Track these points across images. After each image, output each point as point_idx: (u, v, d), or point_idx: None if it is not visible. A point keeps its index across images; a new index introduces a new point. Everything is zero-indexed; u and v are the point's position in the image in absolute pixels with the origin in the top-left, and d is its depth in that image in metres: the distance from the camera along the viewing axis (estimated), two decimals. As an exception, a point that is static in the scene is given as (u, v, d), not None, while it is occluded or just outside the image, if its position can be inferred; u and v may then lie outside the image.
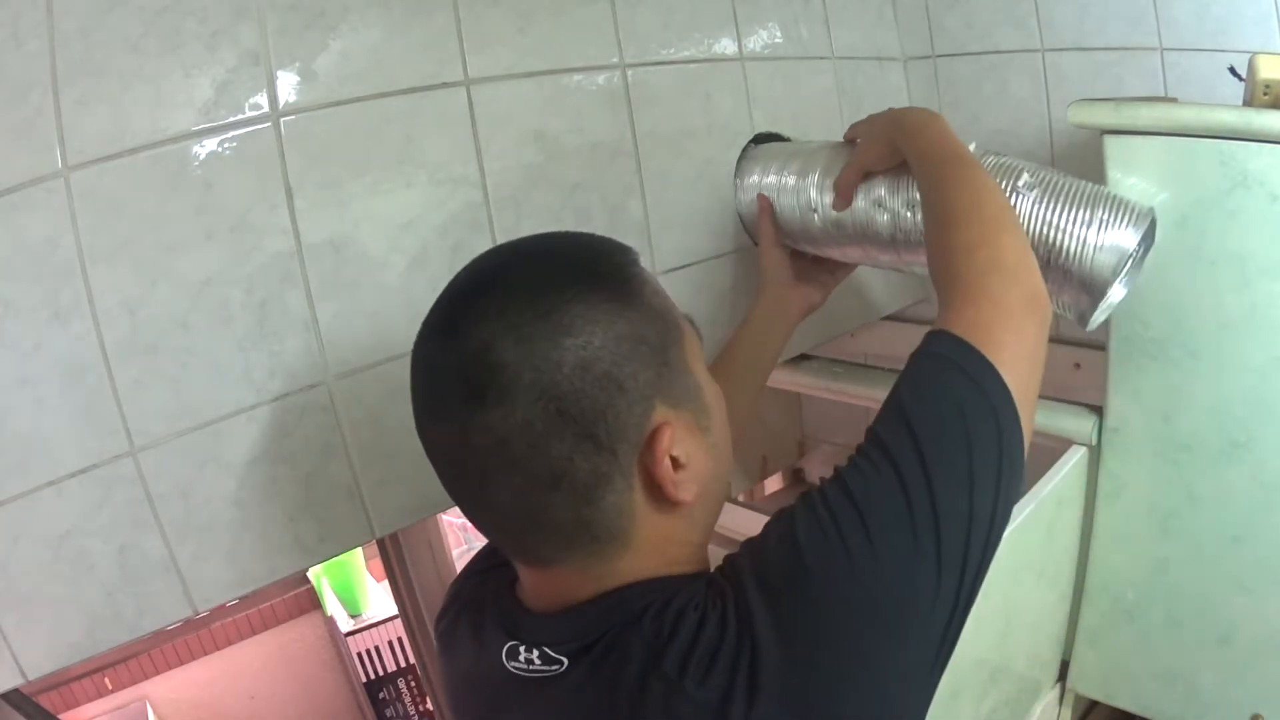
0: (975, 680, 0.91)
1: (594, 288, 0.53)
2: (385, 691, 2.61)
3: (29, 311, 0.69)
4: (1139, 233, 0.81)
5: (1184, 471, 0.97)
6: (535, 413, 0.50)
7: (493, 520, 0.57)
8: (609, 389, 0.51)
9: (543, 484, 0.52)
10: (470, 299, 0.55)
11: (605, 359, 0.51)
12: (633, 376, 0.52)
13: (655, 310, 0.55)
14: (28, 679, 0.72)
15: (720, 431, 0.60)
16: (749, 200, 1.18)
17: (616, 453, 0.52)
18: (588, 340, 0.51)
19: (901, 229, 0.95)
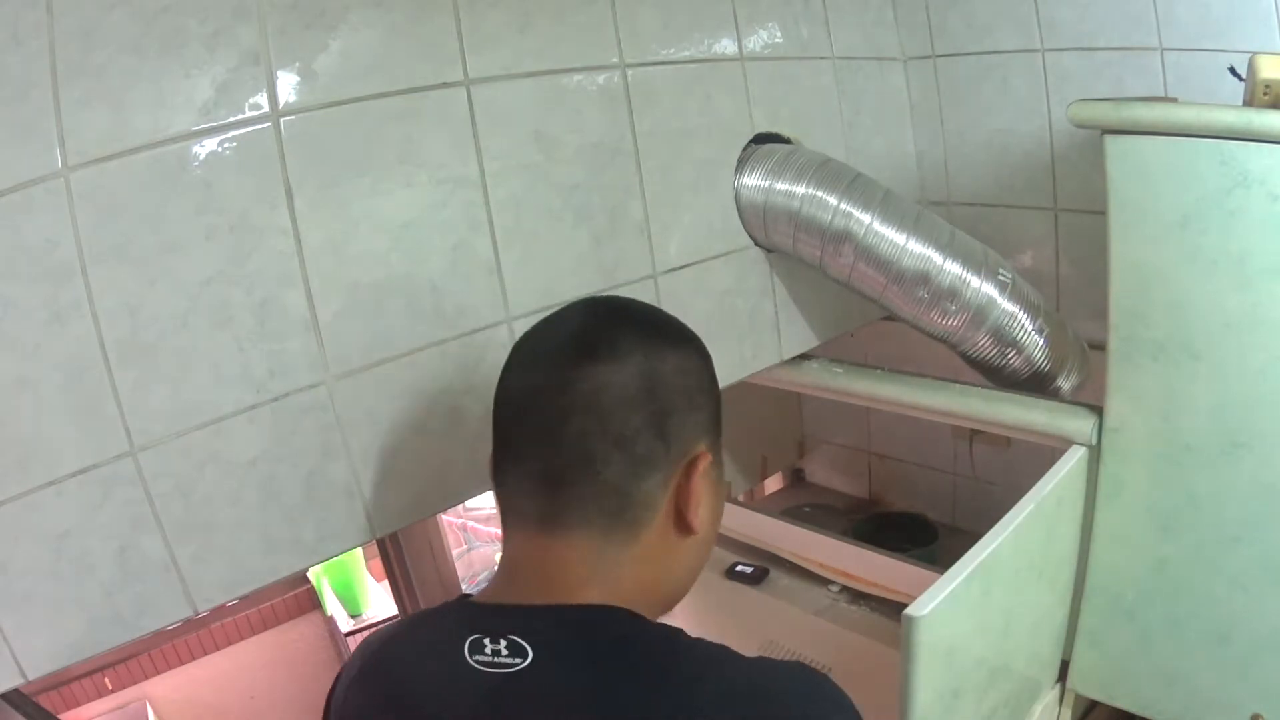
0: (975, 680, 0.91)
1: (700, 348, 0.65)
2: (385, 691, 2.60)
3: (29, 311, 0.69)
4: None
5: (1184, 471, 0.97)
6: (633, 382, 0.59)
7: (544, 466, 0.60)
8: (688, 399, 0.62)
9: (611, 438, 0.59)
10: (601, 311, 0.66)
11: (695, 380, 0.63)
12: (704, 405, 0.63)
13: (719, 401, 0.66)
14: (28, 679, 0.72)
15: (717, 515, 0.66)
16: (740, 201, 1.18)
17: (670, 449, 0.60)
18: (687, 358, 0.63)
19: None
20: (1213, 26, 1.15)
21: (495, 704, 0.55)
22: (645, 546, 0.60)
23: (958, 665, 0.87)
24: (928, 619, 0.78)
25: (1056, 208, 1.38)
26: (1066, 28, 1.29)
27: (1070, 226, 1.38)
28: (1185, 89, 1.18)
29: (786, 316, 1.29)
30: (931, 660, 0.80)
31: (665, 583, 0.63)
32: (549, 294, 1.00)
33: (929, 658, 0.79)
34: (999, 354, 1.16)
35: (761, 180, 1.17)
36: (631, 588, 0.60)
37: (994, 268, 1.14)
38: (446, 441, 0.92)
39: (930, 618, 0.78)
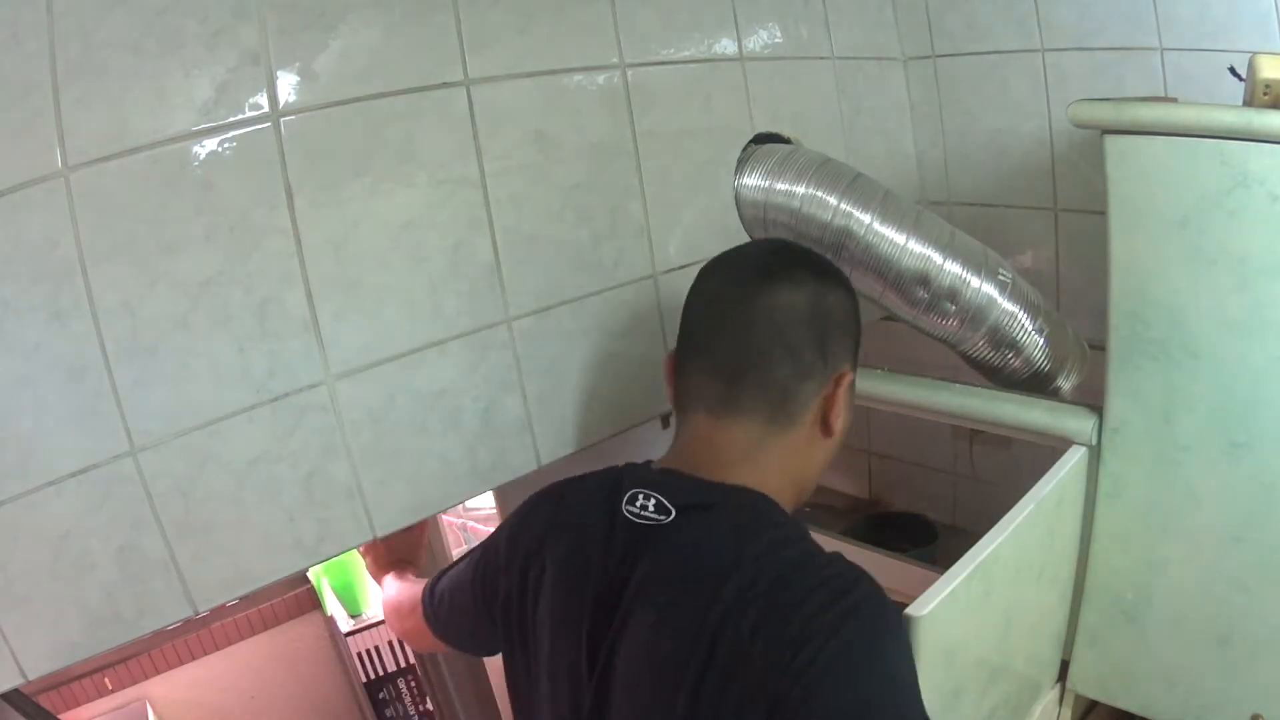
0: (975, 680, 0.91)
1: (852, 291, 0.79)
2: (385, 691, 2.61)
3: (29, 311, 0.69)
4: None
5: (1184, 471, 0.97)
6: (804, 304, 0.74)
7: (727, 358, 0.74)
8: (844, 327, 0.76)
9: (780, 346, 0.73)
10: (783, 250, 0.81)
11: (850, 312, 0.77)
12: (853, 333, 0.77)
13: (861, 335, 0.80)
14: (28, 679, 0.72)
15: (844, 431, 0.77)
16: (749, 200, 1.18)
17: (826, 361, 0.74)
18: (847, 296, 0.78)
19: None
20: (1213, 26, 1.15)
21: (639, 548, 0.69)
22: (795, 439, 0.74)
23: (958, 665, 0.86)
24: (928, 619, 0.78)
25: (1056, 208, 1.38)
26: (1066, 28, 1.29)
27: (1070, 226, 1.38)
28: (1185, 89, 1.18)
29: (786, 316, 1.29)
30: (931, 660, 0.80)
31: (804, 473, 0.77)
32: (549, 294, 1.00)
33: (929, 658, 0.79)
34: (998, 354, 1.16)
35: (761, 180, 1.16)
36: (778, 473, 0.74)
37: (994, 268, 1.14)
38: (446, 441, 0.92)
39: (930, 618, 0.78)
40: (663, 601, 0.67)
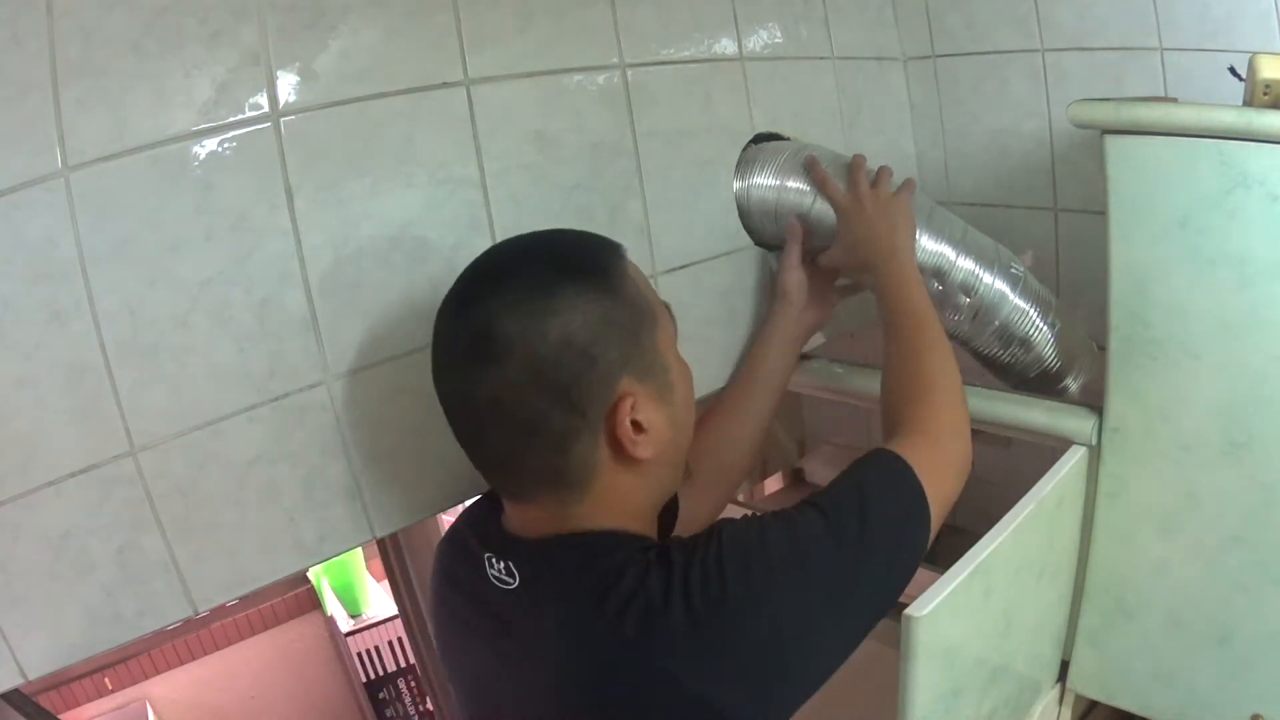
0: (975, 680, 0.91)
1: (579, 278, 0.66)
2: (385, 691, 2.61)
3: (29, 311, 0.69)
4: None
5: (1184, 471, 0.97)
6: (522, 375, 0.64)
7: (485, 459, 0.71)
8: (583, 361, 0.64)
9: (523, 432, 0.66)
10: (479, 282, 0.70)
11: (583, 337, 0.64)
12: (604, 353, 0.65)
13: (631, 299, 0.68)
14: (28, 679, 0.72)
15: (683, 406, 0.73)
16: (750, 200, 1.18)
17: (586, 413, 0.65)
18: (568, 320, 0.64)
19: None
20: (1213, 26, 1.14)
21: (500, 612, 0.70)
22: (602, 489, 0.68)
23: (957, 665, 0.87)
24: (927, 619, 0.78)
25: (1056, 208, 1.38)
26: (1066, 28, 1.29)
27: (1070, 226, 1.38)
28: (1185, 89, 1.18)
29: (786, 316, 1.29)
30: (931, 660, 0.80)
31: (641, 496, 0.72)
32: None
33: (928, 658, 0.79)
34: (1008, 351, 1.16)
35: (773, 179, 1.16)
36: (606, 516, 0.69)
37: (1006, 263, 1.14)
38: (446, 441, 0.92)
39: (930, 618, 0.78)
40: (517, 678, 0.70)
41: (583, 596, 0.64)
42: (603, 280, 0.68)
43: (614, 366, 0.66)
